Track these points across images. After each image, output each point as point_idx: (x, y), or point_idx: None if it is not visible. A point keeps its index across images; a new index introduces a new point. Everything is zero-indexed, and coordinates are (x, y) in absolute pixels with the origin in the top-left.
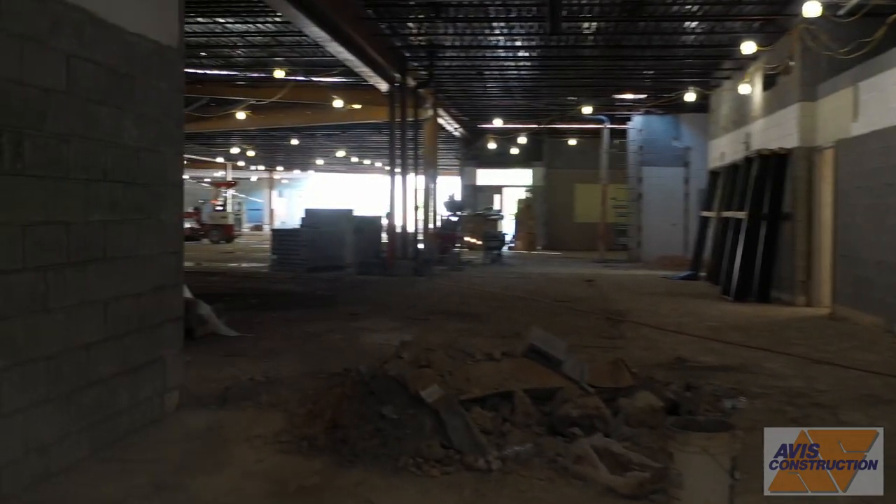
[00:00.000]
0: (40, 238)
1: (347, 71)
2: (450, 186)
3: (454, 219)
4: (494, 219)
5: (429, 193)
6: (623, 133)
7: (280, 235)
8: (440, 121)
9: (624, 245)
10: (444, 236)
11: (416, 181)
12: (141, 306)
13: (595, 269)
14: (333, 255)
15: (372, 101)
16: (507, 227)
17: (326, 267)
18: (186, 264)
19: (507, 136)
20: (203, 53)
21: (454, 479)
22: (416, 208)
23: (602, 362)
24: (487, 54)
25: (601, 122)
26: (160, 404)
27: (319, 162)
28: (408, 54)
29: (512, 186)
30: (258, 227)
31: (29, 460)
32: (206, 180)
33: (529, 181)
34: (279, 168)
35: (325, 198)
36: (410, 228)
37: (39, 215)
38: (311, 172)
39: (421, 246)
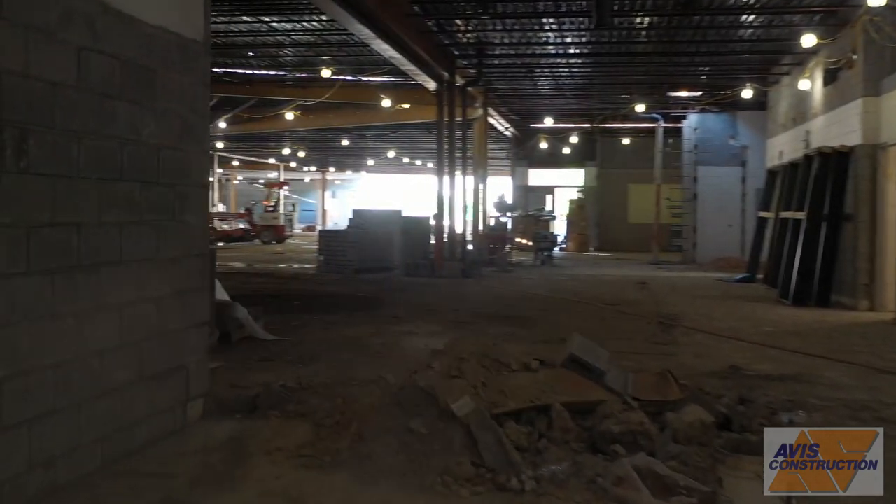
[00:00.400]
0: (47, 240)
1: (395, 70)
2: (500, 187)
3: (504, 219)
4: (546, 219)
5: (478, 194)
6: (678, 132)
7: (327, 236)
8: (490, 120)
9: (678, 246)
10: (493, 237)
11: (466, 181)
12: (161, 311)
13: (648, 272)
14: (381, 256)
15: (421, 101)
16: (559, 228)
17: (373, 268)
18: (236, 265)
19: (558, 136)
20: (251, 53)
21: (484, 500)
22: (465, 209)
23: (648, 373)
24: (537, 51)
25: (655, 120)
26: (182, 414)
27: (370, 163)
28: (456, 52)
29: (564, 187)
30: (311, 228)
31: (33, 474)
32: (259, 181)
33: (582, 181)
34: (331, 169)
35: (377, 198)
36: (459, 229)
37: (46, 216)
38: (363, 173)
39: (470, 247)
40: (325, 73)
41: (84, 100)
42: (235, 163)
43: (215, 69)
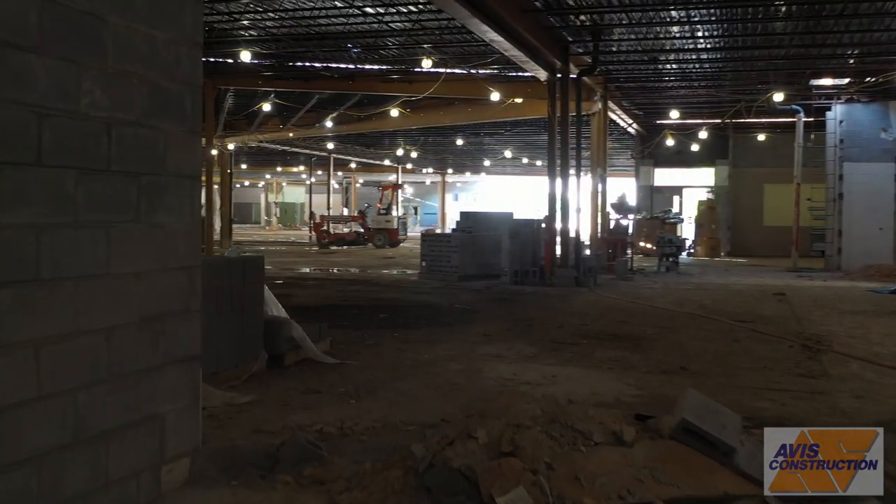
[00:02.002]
0: None
1: (502, 59)
2: (622, 187)
3: (624, 222)
4: (672, 222)
5: (596, 195)
6: (820, 125)
7: (430, 241)
8: (611, 115)
9: (820, 252)
10: (612, 242)
11: (582, 182)
12: (115, 346)
13: (786, 280)
14: (487, 262)
15: (534, 94)
16: (687, 231)
17: (479, 275)
18: (351, 270)
19: (686, 132)
20: (349, 45)
21: None
22: (579, 211)
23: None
24: (661, 35)
25: (795, 112)
26: (153, 482)
27: (487, 163)
28: (569, 37)
29: (693, 187)
30: (429, 231)
31: None
32: (379, 184)
33: (712, 181)
34: (449, 171)
35: (497, 201)
36: (574, 233)
37: None
38: (482, 175)
39: (587, 252)
40: (426, 63)
41: None
42: (353, 165)
43: (314, 63)
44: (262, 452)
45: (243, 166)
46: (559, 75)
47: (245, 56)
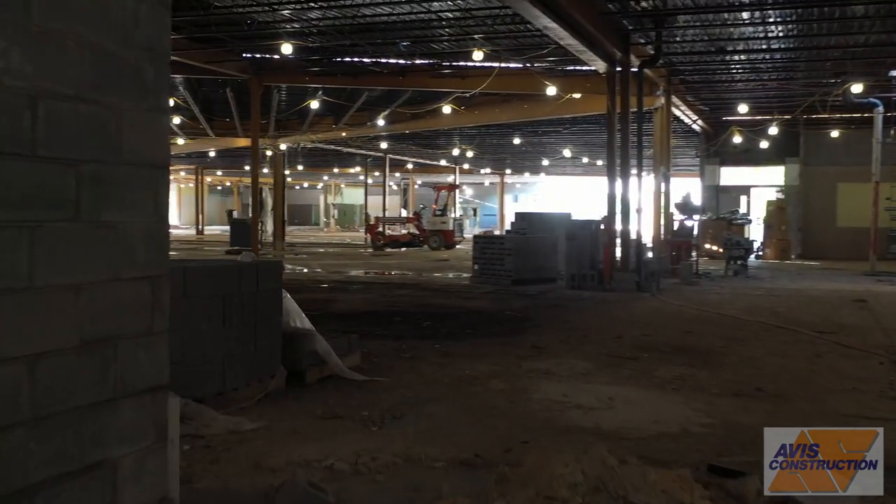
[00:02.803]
0: None
1: (558, 51)
2: (685, 187)
3: (689, 223)
4: (740, 223)
5: (659, 195)
6: None
7: (482, 243)
8: (674, 111)
9: None
10: (676, 244)
11: (644, 181)
12: (42, 378)
13: (865, 285)
14: (543, 265)
15: (593, 89)
16: (755, 232)
17: (533, 279)
18: (402, 273)
19: (755, 129)
20: (399, 39)
21: None
22: (640, 211)
23: None
24: (729, 22)
25: (873, 106)
26: None
27: (545, 163)
28: (630, 26)
29: (761, 186)
30: (487, 233)
31: None
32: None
33: (781, 180)
34: (507, 171)
35: (556, 202)
36: (635, 235)
37: None
38: (541, 176)
39: (649, 255)
40: (478, 55)
41: None
42: (409, 165)
43: (363, 59)
44: (257, 496)
45: (300, 167)
46: (619, 68)
47: (286, 49)
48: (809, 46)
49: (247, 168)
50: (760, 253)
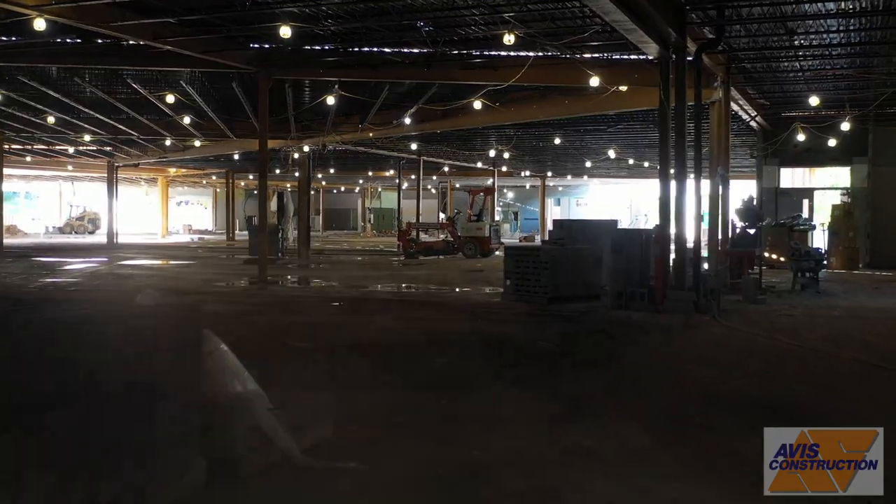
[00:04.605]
0: None
1: (602, 35)
2: (742, 190)
3: (752, 232)
4: (803, 230)
5: (716, 200)
6: None
7: (515, 255)
8: (733, 105)
9: None
10: (737, 255)
11: (697, 185)
12: None
13: None
14: (585, 280)
15: (641, 81)
16: (817, 239)
17: (573, 296)
18: (428, 288)
19: (821, 125)
20: (420, 23)
21: None
22: (701, 219)
23: None
24: None
25: None
26: None
27: (588, 165)
28: (686, 1)
29: (824, 189)
30: (529, 239)
31: None
32: (472, 188)
33: (847, 182)
34: (548, 174)
35: (601, 205)
36: (691, 246)
37: None
38: (584, 178)
39: (705, 266)
40: (509, 39)
41: None
42: (446, 168)
43: (383, 49)
44: None
45: (331, 171)
46: (673, 54)
47: (285, 31)
48: (890, 27)
49: (277, 171)
50: (825, 262)
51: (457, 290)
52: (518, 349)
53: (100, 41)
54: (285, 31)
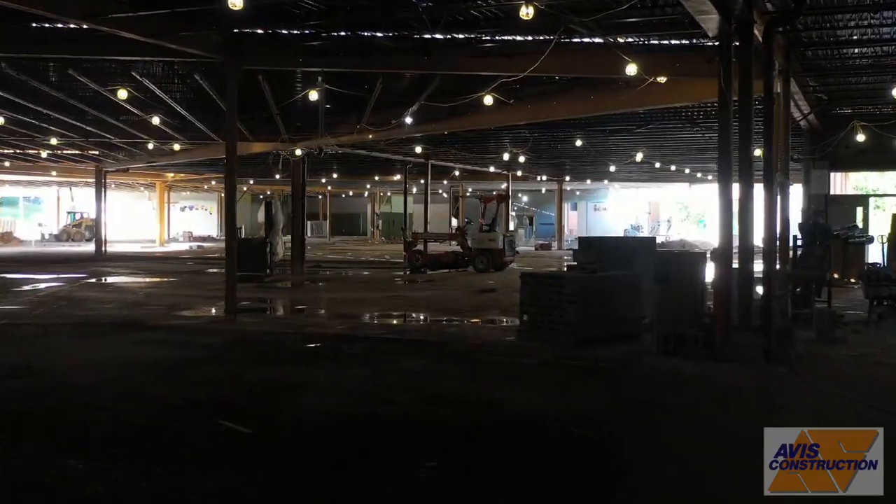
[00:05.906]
0: None
1: (641, 10)
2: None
3: (819, 250)
4: (859, 242)
5: (774, 210)
6: None
7: (533, 284)
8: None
9: None
10: (806, 279)
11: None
12: None
13: None
14: (620, 314)
15: (684, 71)
16: (874, 253)
17: (607, 337)
18: (428, 318)
19: (876, 124)
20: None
21: None
22: (777, 240)
23: None
24: None
25: None
26: None
27: (612, 169)
28: None
29: (882, 196)
30: (545, 246)
31: None
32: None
33: None
34: (566, 178)
35: (622, 210)
36: (759, 273)
37: None
38: (605, 182)
39: (759, 290)
40: (525, 11)
41: None
42: (457, 172)
43: (374, 32)
44: None
45: (334, 175)
46: (737, 27)
47: (235, 2)
48: None
49: (277, 177)
50: None
51: (464, 320)
52: (542, 437)
53: (34, 25)
54: (235, 2)
